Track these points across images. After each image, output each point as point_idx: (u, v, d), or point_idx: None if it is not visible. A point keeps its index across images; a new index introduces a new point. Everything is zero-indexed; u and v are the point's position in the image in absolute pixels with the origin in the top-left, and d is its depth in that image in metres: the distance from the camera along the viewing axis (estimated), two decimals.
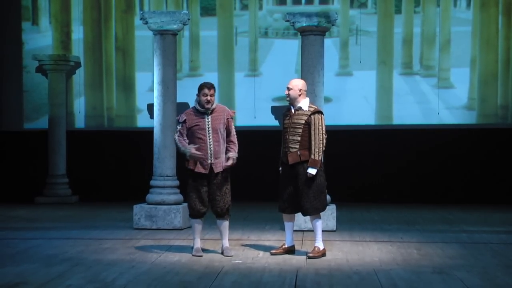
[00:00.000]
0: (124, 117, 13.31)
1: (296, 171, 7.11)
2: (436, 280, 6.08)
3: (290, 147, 7.11)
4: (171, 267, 6.60)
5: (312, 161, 7.02)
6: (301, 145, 7.08)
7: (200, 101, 7.12)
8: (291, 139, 7.11)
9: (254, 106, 12.61)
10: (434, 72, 12.72)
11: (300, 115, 7.13)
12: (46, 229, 9.28)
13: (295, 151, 7.10)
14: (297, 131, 7.09)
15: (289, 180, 7.16)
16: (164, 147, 9.35)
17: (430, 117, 12.65)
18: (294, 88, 7.17)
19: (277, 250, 7.27)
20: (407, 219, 10.29)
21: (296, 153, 7.09)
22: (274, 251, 7.26)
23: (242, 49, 13.01)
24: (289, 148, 7.11)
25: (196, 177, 7.12)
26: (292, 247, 7.35)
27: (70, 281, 6.01)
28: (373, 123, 12.78)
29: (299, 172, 7.10)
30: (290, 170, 7.14)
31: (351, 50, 12.84)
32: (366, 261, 6.95)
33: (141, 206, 9.30)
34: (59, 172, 12.89)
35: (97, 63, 13.31)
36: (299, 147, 7.08)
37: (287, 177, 7.17)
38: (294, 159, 7.09)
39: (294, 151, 7.10)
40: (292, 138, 7.10)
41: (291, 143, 7.11)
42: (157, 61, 9.40)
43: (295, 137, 7.09)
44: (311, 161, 7.02)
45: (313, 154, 7.02)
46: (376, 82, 12.77)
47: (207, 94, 7.09)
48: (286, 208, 7.23)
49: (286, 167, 7.17)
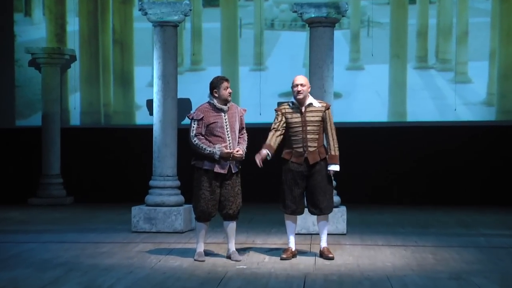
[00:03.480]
0: (122, 114, 13.32)
1: (314, 169, 7.20)
2: (452, 287, 6.07)
3: (309, 146, 7.19)
4: (172, 273, 6.60)
5: (334, 157, 7.21)
6: (319, 143, 7.25)
7: (222, 95, 7.10)
8: (310, 137, 7.20)
9: (260, 102, 12.61)
10: (450, 66, 12.69)
11: (313, 111, 7.23)
12: (39, 232, 9.29)
13: (314, 150, 7.20)
14: (315, 129, 7.21)
15: (301, 180, 7.21)
16: (164, 145, 9.36)
17: (446, 114, 12.62)
18: (306, 84, 7.28)
19: (287, 255, 7.28)
20: (422, 222, 10.28)
21: (315, 151, 7.21)
22: (284, 255, 7.27)
23: (247, 42, 13.01)
24: (308, 147, 7.18)
25: (211, 178, 7.11)
26: (296, 251, 7.39)
27: (65, 287, 6.01)
28: (385, 120, 12.76)
29: (316, 170, 7.19)
30: (305, 169, 7.18)
31: (362, 43, 12.82)
32: (378, 266, 6.94)
33: (139, 208, 9.30)
34: (53, 172, 12.91)
35: (94, 57, 13.33)
36: (317, 145, 7.22)
37: (299, 177, 7.20)
38: (314, 158, 7.20)
39: (314, 150, 7.20)
40: (311, 137, 7.20)
41: (310, 141, 7.19)
42: (157, 54, 9.40)
43: (314, 135, 7.21)
44: (333, 157, 7.20)
45: (333, 150, 7.22)
46: (388, 76, 12.75)
47: (227, 87, 7.12)
48: (295, 209, 7.27)
49: (297, 166, 7.20)
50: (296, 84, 7.24)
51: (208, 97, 7.20)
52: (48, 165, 12.90)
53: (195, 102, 11.95)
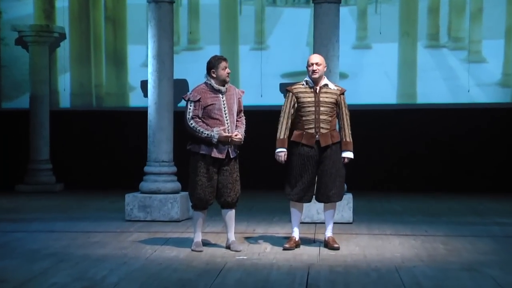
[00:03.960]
0: (114, 96, 13.31)
1: (324, 153, 7.20)
2: (465, 278, 6.08)
3: (322, 127, 7.20)
4: (168, 263, 6.62)
5: (348, 143, 7.26)
6: (332, 125, 7.27)
7: (220, 75, 7.09)
8: (323, 119, 7.20)
9: (261, 83, 12.60)
10: (463, 45, 12.66)
11: (327, 93, 7.25)
12: (27, 220, 9.31)
13: (326, 132, 7.21)
14: (328, 110, 7.23)
15: (312, 165, 7.20)
16: (159, 129, 9.36)
17: (459, 96, 12.61)
18: (322, 63, 7.29)
19: (290, 245, 7.29)
20: (433, 210, 10.30)
21: (327, 134, 7.21)
22: (287, 245, 7.27)
23: (247, 19, 12.97)
24: (320, 128, 7.19)
25: (209, 163, 7.11)
26: (299, 241, 7.40)
27: (55, 279, 6.03)
28: (394, 102, 12.75)
29: (327, 155, 7.20)
30: (316, 154, 7.18)
31: (370, 20, 12.79)
32: (386, 257, 6.96)
33: (134, 195, 9.32)
34: (42, 157, 12.92)
35: (84, 35, 13.30)
36: (330, 127, 7.24)
37: (309, 162, 7.20)
38: (326, 141, 7.20)
39: (326, 132, 7.21)
40: (324, 118, 7.21)
41: (322, 123, 7.20)
42: (152, 32, 9.38)
43: (327, 116, 7.22)
44: (347, 144, 7.26)
45: (347, 136, 7.27)
46: (398, 56, 12.73)
47: (226, 66, 7.11)
48: (303, 196, 7.26)
49: (308, 150, 7.19)
50: (312, 63, 7.24)
51: (205, 77, 7.18)
52: (36, 150, 12.90)
53: (192, 83, 11.93)
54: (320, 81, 7.26)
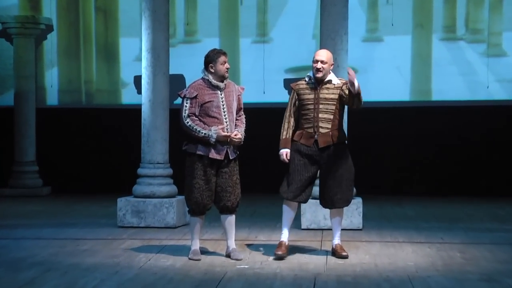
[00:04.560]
0: (105, 92, 13.33)
1: (326, 154, 7.16)
2: None
3: (321, 127, 7.16)
4: (163, 273, 6.63)
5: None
6: (333, 125, 7.19)
7: (219, 70, 7.09)
8: (323, 117, 7.16)
9: (263, 79, 12.61)
10: (482, 37, 12.67)
11: (330, 89, 7.20)
12: (12, 227, 9.32)
13: (326, 132, 7.17)
14: (329, 108, 7.17)
15: (312, 164, 7.18)
16: (154, 128, 9.37)
17: (478, 92, 12.62)
18: (329, 61, 7.23)
19: (282, 251, 7.25)
20: (449, 216, 10.30)
21: (328, 134, 7.17)
22: (279, 252, 7.22)
23: (248, 9, 12.99)
24: (319, 128, 7.16)
25: (206, 165, 7.12)
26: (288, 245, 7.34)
27: None
28: (407, 99, 12.76)
29: (329, 156, 7.16)
30: (316, 152, 7.16)
31: (381, 11, 12.80)
32: (398, 266, 6.96)
33: (126, 200, 9.33)
34: (28, 159, 12.93)
35: (73, 27, 13.31)
36: (331, 127, 7.17)
37: (309, 160, 7.17)
38: (325, 141, 7.16)
39: (326, 132, 7.17)
40: (323, 117, 7.17)
41: (322, 122, 7.16)
42: (146, 24, 9.39)
43: (327, 115, 7.17)
44: None
45: None
46: (411, 49, 12.74)
47: (225, 61, 7.11)
48: (298, 195, 7.22)
49: (307, 149, 7.17)
50: (316, 60, 7.21)
51: (202, 72, 7.19)
52: (21, 151, 12.92)
53: (189, 78, 11.95)
54: (324, 79, 7.22)
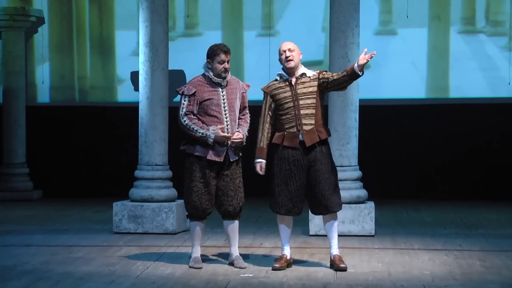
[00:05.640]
0: (100, 89, 13.35)
1: (313, 155, 7.08)
2: None
3: (304, 124, 7.07)
4: (162, 282, 6.64)
5: None
6: (317, 119, 7.12)
7: (215, 68, 7.11)
8: (304, 113, 7.08)
9: (269, 74, 12.59)
10: (504, 30, 12.66)
11: (306, 82, 7.14)
12: (0, 233, 9.34)
13: (311, 129, 7.09)
14: (310, 102, 7.10)
15: (299, 171, 7.09)
16: (152, 127, 9.38)
17: (499, 89, 12.61)
18: (296, 49, 7.17)
19: (281, 264, 7.22)
20: (468, 221, 10.30)
21: (313, 130, 7.09)
22: (277, 265, 7.19)
23: (253, 0, 12.99)
24: (302, 125, 7.07)
25: (205, 167, 7.13)
26: (291, 260, 7.34)
27: None
28: (423, 96, 12.76)
29: (317, 157, 7.08)
30: (303, 157, 7.09)
31: (395, 2, 12.80)
32: (413, 274, 6.97)
33: (123, 204, 9.35)
34: (17, 160, 12.95)
35: (66, 19, 13.33)
36: (315, 122, 7.10)
37: (296, 167, 7.08)
38: (312, 139, 7.08)
39: (310, 129, 7.09)
40: (305, 113, 7.09)
41: (304, 118, 7.07)
42: (144, 16, 9.40)
43: (309, 110, 7.10)
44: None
45: None
46: (427, 43, 12.73)
47: (224, 60, 7.08)
48: (291, 209, 7.16)
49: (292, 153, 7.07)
50: (284, 50, 7.15)
51: (203, 68, 7.20)
52: (10, 152, 12.93)
53: (189, 74, 11.97)
54: (296, 71, 7.16)
